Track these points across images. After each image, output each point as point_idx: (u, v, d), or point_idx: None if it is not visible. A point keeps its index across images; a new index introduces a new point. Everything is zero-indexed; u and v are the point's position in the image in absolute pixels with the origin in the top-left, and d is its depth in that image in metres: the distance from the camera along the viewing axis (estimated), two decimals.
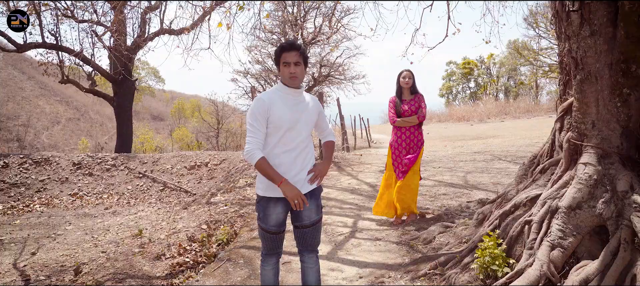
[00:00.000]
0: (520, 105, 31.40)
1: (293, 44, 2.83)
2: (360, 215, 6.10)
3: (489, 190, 7.10)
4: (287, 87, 2.88)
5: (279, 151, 2.85)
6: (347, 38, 17.68)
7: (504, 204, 4.07)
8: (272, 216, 2.89)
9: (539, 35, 28.18)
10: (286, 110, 2.84)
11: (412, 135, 5.37)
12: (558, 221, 3.20)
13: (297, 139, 2.87)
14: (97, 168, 11.30)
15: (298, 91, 2.91)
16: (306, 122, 2.91)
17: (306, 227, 2.93)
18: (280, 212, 2.90)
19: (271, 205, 2.89)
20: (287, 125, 2.83)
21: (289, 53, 2.81)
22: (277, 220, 2.91)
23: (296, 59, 2.81)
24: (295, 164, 2.86)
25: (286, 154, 2.85)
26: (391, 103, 5.46)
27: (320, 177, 2.94)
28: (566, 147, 3.52)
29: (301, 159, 2.89)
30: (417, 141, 5.38)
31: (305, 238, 2.97)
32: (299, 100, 2.92)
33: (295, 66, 2.81)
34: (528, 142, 13.35)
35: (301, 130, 2.88)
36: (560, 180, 3.47)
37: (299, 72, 2.83)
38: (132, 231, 6.53)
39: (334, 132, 3.09)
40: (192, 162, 11.60)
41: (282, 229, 2.96)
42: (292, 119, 2.84)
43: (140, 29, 14.82)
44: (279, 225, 2.93)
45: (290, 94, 2.89)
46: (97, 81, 16.42)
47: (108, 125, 31.33)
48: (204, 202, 8.03)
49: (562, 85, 3.88)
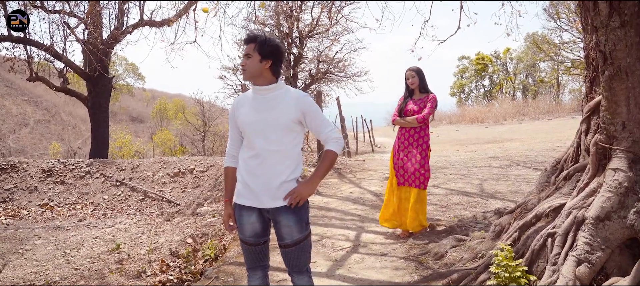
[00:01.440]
0: (540, 105, 31.50)
1: (247, 36, 2.89)
2: (364, 228, 6.09)
3: (506, 199, 7.09)
4: (254, 86, 2.90)
5: (245, 156, 2.90)
6: (348, 30, 17.72)
7: (524, 215, 4.06)
8: (246, 225, 2.90)
9: (561, 28, 28.27)
10: (250, 111, 2.86)
11: (411, 138, 5.43)
12: (585, 233, 3.19)
13: (261, 143, 2.81)
14: (69, 176, 11.26)
15: (266, 88, 2.86)
16: (272, 123, 2.81)
17: (288, 247, 2.87)
18: (255, 222, 2.89)
19: (244, 213, 2.89)
20: (249, 127, 2.85)
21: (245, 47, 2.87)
22: (253, 231, 2.90)
23: (247, 51, 2.84)
24: (258, 172, 2.82)
25: (251, 160, 2.85)
26: (399, 101, 5.60)
27: (297, 200, 2.81)
28: (593, 150, 3.51)
29: (267, 167, 2.81)
30: (417, 145, 5.39)
31: (288, 258, 2.93)
32: (269, 98, 2.86)
33: (245, 58, 2.84)
34: (549, 146, 13.37)
35: (267, 133, 2.81)
36: (586, 188, 3.47)
37: (248, 64, 2.83)
38: (108, 246, 6.50)
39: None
40: (175, 168, 11.57)
41: (261, 241, 2.95)
42: (254, 121, 2.84)
43: (117, 20, 14.82)
44: (255, 235, 2.92)
45: (257, 93, 2.89)
46: (69, 79, 16.37)
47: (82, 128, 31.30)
48: (189, 213, 8.00)
49: (589, 82, 3.88)
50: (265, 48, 2.81)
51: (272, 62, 2.84)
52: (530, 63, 41.68)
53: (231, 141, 3.01)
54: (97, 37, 13.16)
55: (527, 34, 38.96)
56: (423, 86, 5.44)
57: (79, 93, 15.94)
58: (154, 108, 43.51)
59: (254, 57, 2.81)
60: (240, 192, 2.91)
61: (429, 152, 5.47)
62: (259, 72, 2.82)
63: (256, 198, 2.83)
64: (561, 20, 27.88)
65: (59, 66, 15.11)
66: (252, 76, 2.84)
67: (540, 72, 42.67)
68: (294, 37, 18.11)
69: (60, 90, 15.32)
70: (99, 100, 15.09)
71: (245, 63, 2.84)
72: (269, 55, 2.83)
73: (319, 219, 6.65)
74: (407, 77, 5.47)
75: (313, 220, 6.52)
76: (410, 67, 5.47)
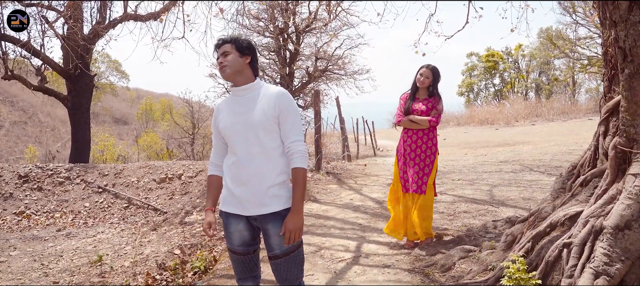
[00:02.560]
0: (555, 106, 31.59)
1: (219, 40, 2.96)
2: (365, 237, 6.09)
3: (518, 206, 7.10)
4: (233, 87, 2.97)
5: (228, 162, 2.95)
6: (348, 25, 17.71)
7: (538, 223, 4.06)
8: (234, 234, 2.93)
9: (577, 22, 28.40)
10: (229, 115, 2.93)
11: (420, 141, 5.34)
12: (603, 244, 3.20)
13: (241, 147, 2.85)
14: (47, 182, 11.23)
15: (244, 88, 2.93)
16: (251, 124, 2.83)
17: (277, 258, 2.87)
18: (244, 230, 2.92)
19: (231, 221, 2.93)
20: (229, 131, 2.90)
21: (218, 50, 2.94)
22: (241, 239, 2.93)
23: (224, 50, 2.90)
24: (242, 178, 2.84)
25: (234, 166, 2.88)
26: (401, 100, 5.48)
27: (294, 236, 2.80)
28: (612, 154, 3.52)
29: (251, 171, 2.83)
30: (426, 148, 5.34)
31: (278, 271, 2.92)
32: (247, 98, 2.91)
33: (223, 57, 2.89)
34: (564, 149, 13.40)
35: (247, 135, 2.84)
36: (605, 195, 3.46)
37: (229, 60, 2.88)
38: (89, 257, 6.48)
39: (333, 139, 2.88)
40: (162, 173, 11.56)
41: (250, 249, 2.97)
42: (232, 123, 2.89)
43: (99, 14, 14.81)
44: (244, 244, 2.94)
45: (236, 94, 2.96)
46: (47, 77, 16.35)
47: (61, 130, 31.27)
48: (176, 221, 8.00)
49: (607, 80, 3.89)
50: (241, 43, 2.91)
51: (251, 57, 2.94)
52: (543, 60, 41.80)
53: (214, 149, 3.09)
54: (78, 32, 13.15)
55: (540, 29, 39.18)
56: (434, 87, 5.36)
57: (58, 93, 15.92)
58: (139, 109, 43.58)
59: (233, 53, 2.88)
60: (226, 199, 2.95)
61: (437, 156, 5.45)
62: (240, 67, 2.89)
63: (241, 205, 2.86)
64: (577, 14, 28.03)
65: (37, 63, 15.08)
66: (233, 72, 2.89)
67: (555, 70, 42.82)
68: (289, 32, 18.11)
69: (37, 89, 15.29)
70: (79, 100, 15.08)
71: (224, 60, 2.89)
72: (247, 50, 2.92)
73: (316, 228, 6.65)
74: (420, 73, 5.31)
75: (310, 230, 6.52)
76: (427, 64, 5.35)
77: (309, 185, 9.86)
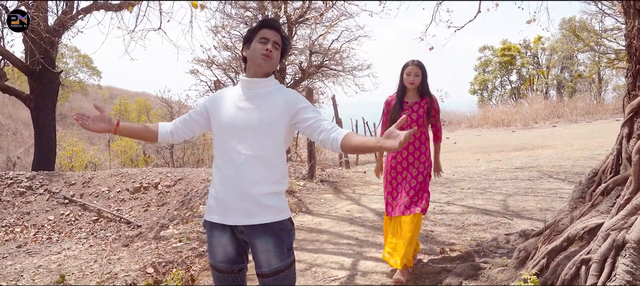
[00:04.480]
0: (578, 105, 31.70)
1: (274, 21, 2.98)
2: (362, 253, 6.08)
3: (534, 218, 7.11)
4: (245, 78, 2.94)
5: (219, 163, 2.90)
6: (347, 15, 17.71)
7: (554, 237, 4.07)
8: (217, 248, 2.89)
9: (603, 12, 28.45)
10: (230, 106, 2.90)
11: (411, 157, 5.03)
12: (626, 259, 3.20)
13: (239, 147, 2.80)
14: (6, 192, 11.20)
15: (260, 81, 2.91)
16: (252, 120, 2.82)
17: (265, 276, 2.83)
18: (228, 244, 2.87)
19: (216, 232, 2.89)
20: (228, 126, 2.86)
21: (270, 30, 2.91)
22: (225, 255, 2.89)
23: (276, 39, 2.90)
24: (233, 181, 2.81)
25: (225, 167, 2.83)
26: (386, 105, 5.18)
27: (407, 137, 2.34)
28: (636, 159, 3.52)
29: (244, 175, 2.79)
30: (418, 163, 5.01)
31: None
32: (259, 93, 2.90)
33: (273, 47, 2.88)
34: (588, 154, 13.43)
35: (249, 134, 2.81)
36: (628, 205, 3.46)
37: (275, 55, 2.89)
38: (53, 277, 6.46)
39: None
40: (136, 182, 11.53)
41: (235, 268, 2.93)
42: (234, 119, 2.85)
43: (66, 3, 14.79)
44: (228, 261, 2.90)
45: (248, 86, 2.92)
46: (7, 74, 16.33)
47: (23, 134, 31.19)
48: (151, 236, 7.98)
49: (631, 76, 3.89)
50: (287, 45, 3.02)
51: None
52: (566, 54, 41.95)
53: (181, 118, 3.11)
54: (41, 22, 13.12)
55: (562, 20, 39.28)
56: (423, 87, 5.03)
57: (20, 92, 15.86)
58: (113, 109, 43.44)
59: (278, 50, 2.94)
60: (211, 207, 2.90)
61: (431, 169, 5.14)
62: (276, 67, 2.97)
63: (226, 212, 2.82)
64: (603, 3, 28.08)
65: None
66: (271, 68, 2.92)
67: (579, 65, 42.94)
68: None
69: None
70: (43, 99, 15.04)
71: (274, 52, 2.90)
72: (286, 51, 3.04)
73: (308, 243, 6.64)
74: (408, 73, 4.95)
75: (301, 245, 6.51)
76: (413, 60, 5.00)
77: (301, 195, 9.86)
